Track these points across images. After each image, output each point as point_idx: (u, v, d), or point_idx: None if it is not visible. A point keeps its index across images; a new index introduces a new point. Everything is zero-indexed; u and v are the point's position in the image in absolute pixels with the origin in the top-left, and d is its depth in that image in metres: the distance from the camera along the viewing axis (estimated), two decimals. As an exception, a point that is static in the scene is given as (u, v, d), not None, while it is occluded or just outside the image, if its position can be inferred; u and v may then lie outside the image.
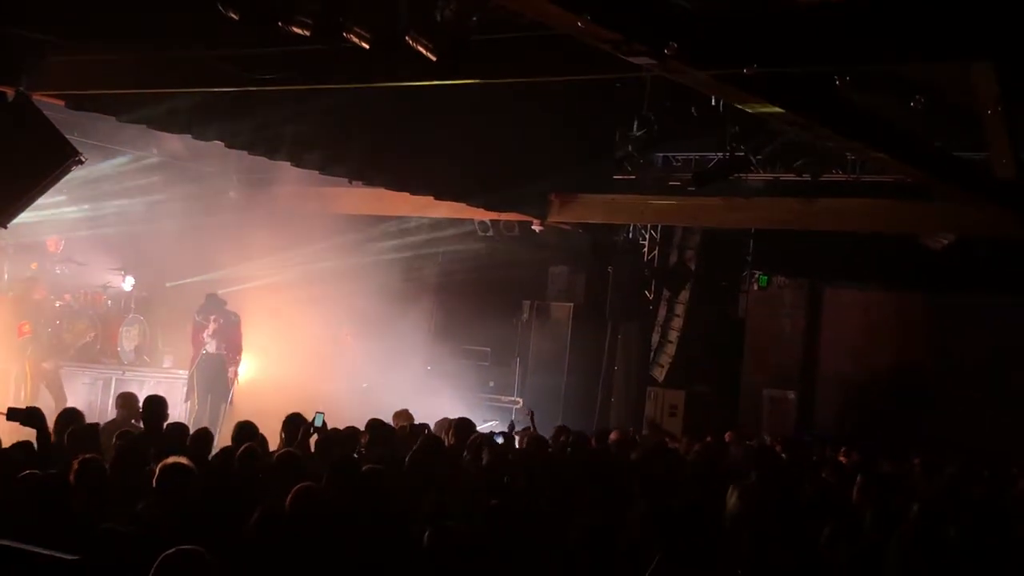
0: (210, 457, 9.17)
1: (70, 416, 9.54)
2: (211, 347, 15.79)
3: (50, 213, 15.14)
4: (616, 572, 6.33)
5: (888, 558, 6.56)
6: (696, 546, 6.48)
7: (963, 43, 7.97)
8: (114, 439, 9.16)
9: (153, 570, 4.90)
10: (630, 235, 20.40)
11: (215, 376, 15.76)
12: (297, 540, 6.42)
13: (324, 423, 10.23)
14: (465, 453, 10.13)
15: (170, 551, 4.94)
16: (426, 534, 6.23)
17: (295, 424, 10.13)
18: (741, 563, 6.44)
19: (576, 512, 7.63)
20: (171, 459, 7.08)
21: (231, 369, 16.04)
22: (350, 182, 16.21)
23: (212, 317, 15.85)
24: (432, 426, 11.79)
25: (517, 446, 11.86)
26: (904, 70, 10.17)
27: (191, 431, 9.86)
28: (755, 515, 7.15)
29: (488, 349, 20.16)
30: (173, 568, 4.91)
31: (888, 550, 6.65)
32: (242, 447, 8.61)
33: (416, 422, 11.77)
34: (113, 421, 10.81)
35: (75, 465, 7.15)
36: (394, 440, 10.52)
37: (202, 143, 14.09)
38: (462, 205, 16.85)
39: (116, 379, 15.61)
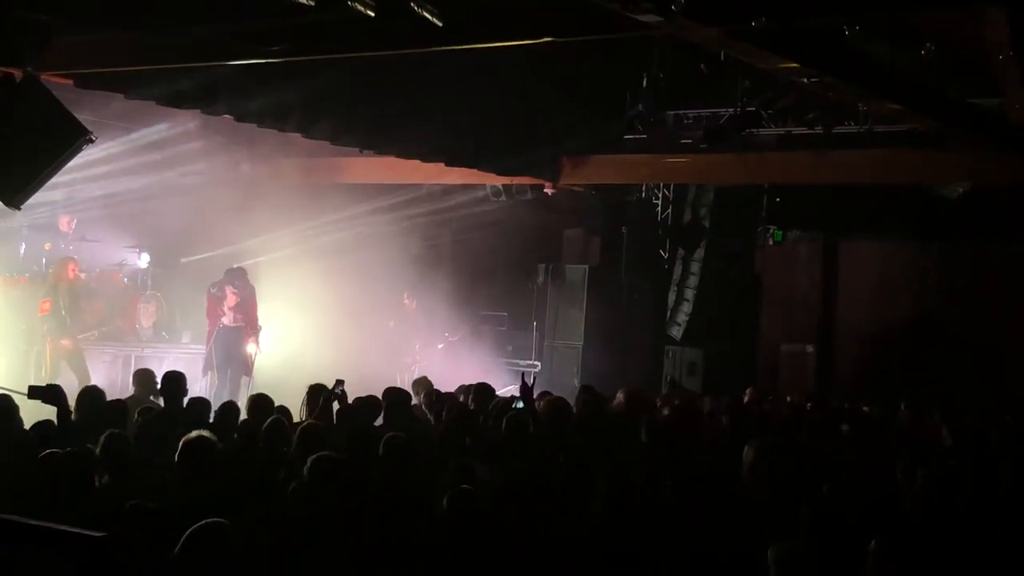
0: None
1: (92, 394, 9.59)
2: (228, 319, 15.73)
3: (63, 193, 15.20)
4: (637, 535, 6.33)
5: (910, 509, 6.56)
6: (716, 506, 6.51)
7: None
8: (135, 415, 9.21)
9: (181, 544, 4.94)
10: (643, 195, 20.36)
11: (233, 349, 15.73)
12: (317, 509, 6.45)
13: (344, 392, 10.23)
14: (482, 418, 10.14)
15: (198, 525, 4.98)
16: (444, 499, 6.25)
17: (316, 394, 10.15)
18: (756, 521, 6.44)
19: (597, 475, 7.62)
20: (194, 433, 7.12)
21: (250, 340, 15.95)
22: (361, 151, 16.20)
23: (231, 289, 15.75)
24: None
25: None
26: (913, 18, 10.08)
27: (212, 406, 9.88)
28: (770, 473, 7.15)
29: (505, 313, 20.19)
30: (202, 542, 4.95)
31: (908, 501, 6.64)
32: (268, 420, 8.64)
33: (433, 390, 11.75)
34: (132, 398, 10.85)
35: (101, 440, 7.20)
36: (411, 408, 10.55)
37: (212, 118, 14.08)
38: (474, 171, 16.84)
39: (135, 356, 15.69)
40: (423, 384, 12.06)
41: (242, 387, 15.24)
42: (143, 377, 11.15)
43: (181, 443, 7.03)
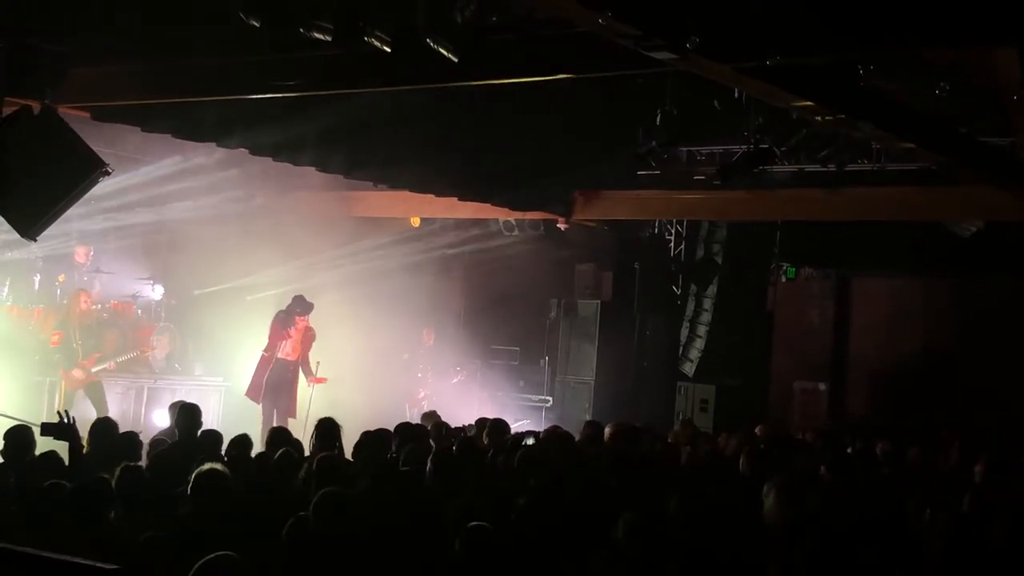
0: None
1: (105, 426, 9.58)
2: (285, 351, 15.72)
3: (78, 224, 15.27)
4: (650, 568, 6.31)
5: (927, 550, 6.50)
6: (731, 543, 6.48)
7: (987, 28, 7.92)
8: (147, 447, 9.21)
9: (191, 576, 4.93)
10: (656, 231, 20.38)
11: (284, 385, 15.68)
12: (324, 544, 6.43)
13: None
14: (491, 452, 10.12)
15: (207, 558, 4.97)
16: (459, 538, 6.22)
17: (326, 429, 10.09)
18: (779, 560, 6.40)
19: (607, 510, 7.59)
20: (206, 466, 7.11)
21: (299, 379, 15.91)
22: (375, 185, 16.25)
23: (300, 317, 15.79)
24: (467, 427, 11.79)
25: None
26: (927, 57, 10.10)
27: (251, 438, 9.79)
28: (792, 512, 7.12)
29: (517, 348, 20.18)
30: (211, 575, 4.94)
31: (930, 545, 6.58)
32: (278, 452, 8.63)
33: (442, 423, 11.72)
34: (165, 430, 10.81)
35: (116, 473, 7.20)
36: (424, 442, 10.51)
37: (226, 150, 14.15)
38: (486, 205, 16.88)
39: (148, 388, 15.71)
40: (431, 417, 12.06)
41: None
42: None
43: (193, 475, 7.03)
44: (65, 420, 8.70)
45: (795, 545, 6.42)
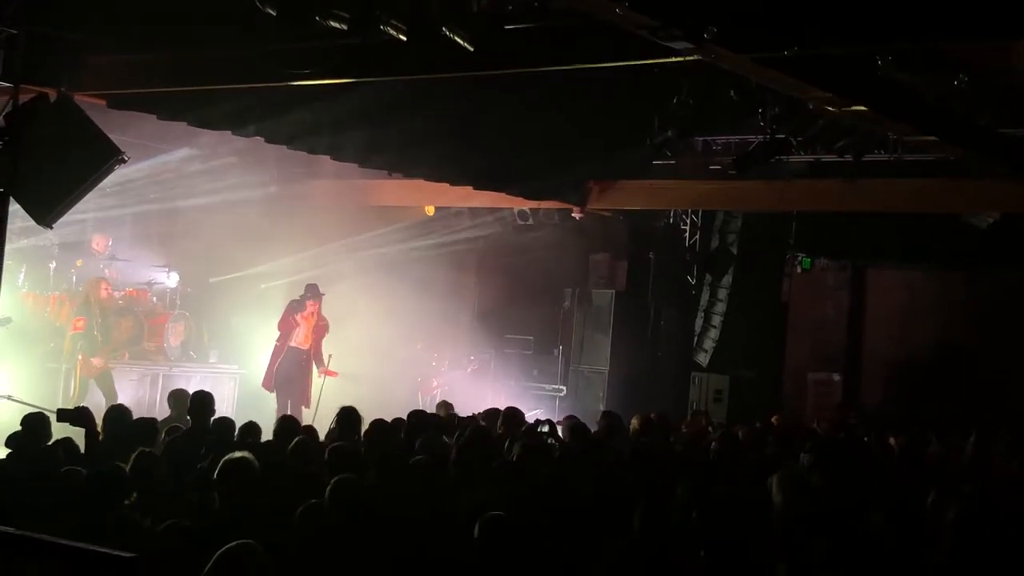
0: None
1: (118, 413, 9.61)
2: (297, 339, 15.71)
3: (94, 212, 15.30)
4: (665, 560, 6.30)
5: (941, 544, 6.47)
6: (739, 533, 6.47)
7: (1005, 20, 7.88)
8: (162, 435, 9.23)
9: (210, 565, 4.94)
10: (671, 220, 20.35)
11: (296, 374, 15.64)
12: (338, 532, 6.43)
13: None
14: (508, 442, 10.11)
15: (227, 546, 4.98)
16: (476, 525, 6.21)
17: (347, 417, 10.08)
18: (783, 552, 6.39)
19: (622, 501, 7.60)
20: (238, 454, 7.07)
21: (312, 369, 15.82)
22: (389, 174, 16.26)
23: (312, 302, 15.80)
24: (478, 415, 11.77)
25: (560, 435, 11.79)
26: (945, 48, 10.06)
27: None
28: (795, 503, 7.11)
29: (531, 338, 20.15)
30: (231, 563, 4.94)
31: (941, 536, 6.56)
32: (294, 441, 8.62)
33: (454, 414, 11.72)
34: (166, 419, 10.85)
35: (131, 459, 7.21)
36: (435, 430, 10.51)
37: (242, 139, 14.16)
38: (501, 194, 16.87)
39: (163, 375, 15.73)
40: (444, 407, 12.06)
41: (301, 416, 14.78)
42: (179, 397, 11.10)
43: (222, 462, 6.99)
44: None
45: (803, 535, 6.41)
